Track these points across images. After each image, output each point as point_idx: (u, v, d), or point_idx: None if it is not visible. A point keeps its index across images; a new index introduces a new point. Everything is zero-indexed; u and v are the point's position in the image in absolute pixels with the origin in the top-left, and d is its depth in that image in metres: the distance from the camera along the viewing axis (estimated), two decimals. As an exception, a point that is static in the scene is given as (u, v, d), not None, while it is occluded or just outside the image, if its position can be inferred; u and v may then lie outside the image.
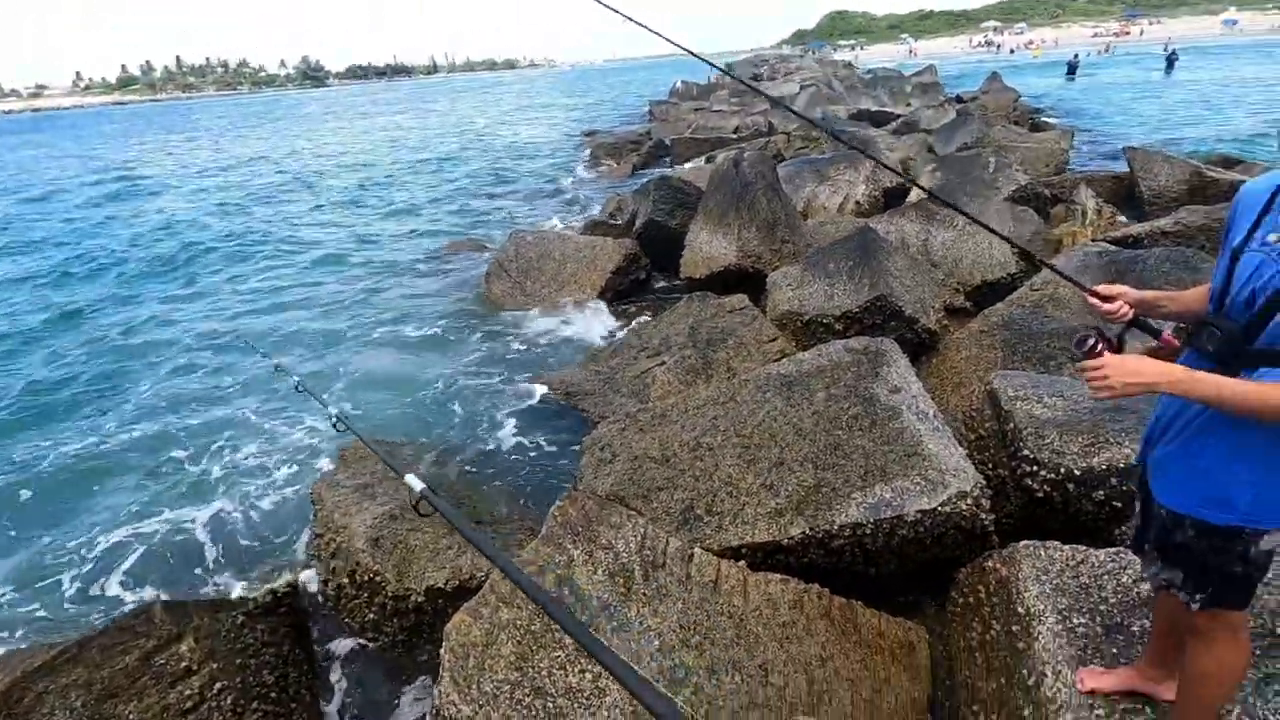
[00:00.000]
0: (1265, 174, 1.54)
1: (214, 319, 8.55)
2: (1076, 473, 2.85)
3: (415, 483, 1.61)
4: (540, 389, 5.47)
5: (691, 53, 2.57)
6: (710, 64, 3.09)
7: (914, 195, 8.50)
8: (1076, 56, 38.60)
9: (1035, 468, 2.97)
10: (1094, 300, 1.72)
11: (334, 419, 2.37)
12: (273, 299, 9.22)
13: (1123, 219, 7.89)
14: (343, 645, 3.21)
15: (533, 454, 4.81)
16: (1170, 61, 37.24)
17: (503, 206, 14.70)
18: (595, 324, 6.96)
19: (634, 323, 6.77)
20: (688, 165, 13.58)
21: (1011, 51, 76.44)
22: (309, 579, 3.51)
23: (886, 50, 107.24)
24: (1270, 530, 1.44)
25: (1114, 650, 2.09)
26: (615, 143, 19.88)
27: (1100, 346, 1.66)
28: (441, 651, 2.36)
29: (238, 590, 3.61)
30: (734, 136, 16.87)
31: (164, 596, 3.54)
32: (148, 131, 51.54)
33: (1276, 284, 1.35)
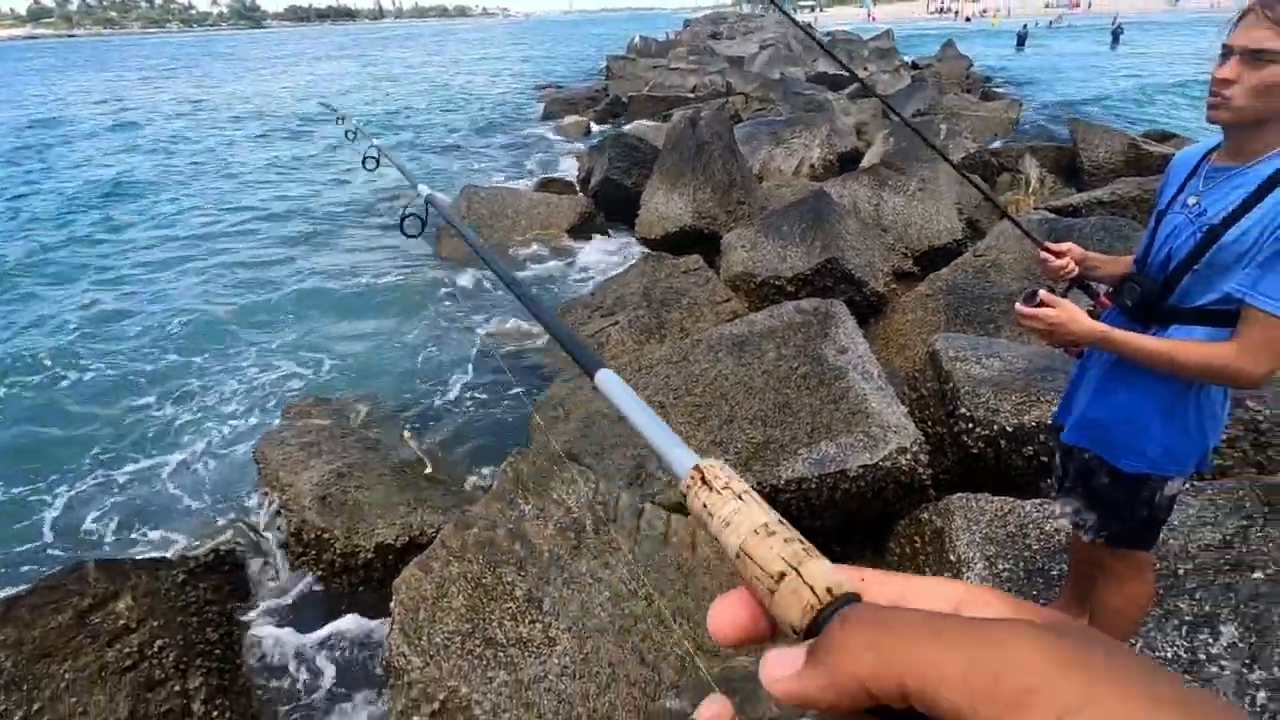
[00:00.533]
0: (1197, 144, 1.61)
1: (164, 282, 8.11)
2: (1009, 429, 2.98)
3: (424, 190, 1.59)
4: (494, 346, 5.42)
5: None
6: None
7: (867, 160, 8.58)
8: (1025, 27, 39.24)
9: (971, 425, 3.10)
10: (1046, 255, 1.78)
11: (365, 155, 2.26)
12: (228, 258, 8.78)
13: (1067, 189, 8.17)
14: (289, 602, 3.18)
15: (486, 411, 4.78)
16: (1116, 35, 38.19)
17: (456, 160, 14.26)
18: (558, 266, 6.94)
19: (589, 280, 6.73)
20: (644, 123, 13.38)
21: (968, 19, 76.94)
22: (255, 536, 3.44)
23: (845, 13, 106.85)
24: (1174, 477, 1.55)
25: (1034, 592, 2.23)
26: (571, 98, 19.41)
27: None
28: (391, 605, 2.36)
29: (179, 547, 3.52)
30: (692, 95, 16.64)
31: (98, 555, 3.43)
32: (71, 70, 47.79)
33: (1190, 244, 1.42)
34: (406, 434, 4.41)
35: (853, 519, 3.12)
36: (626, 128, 12.83)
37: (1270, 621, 1.93)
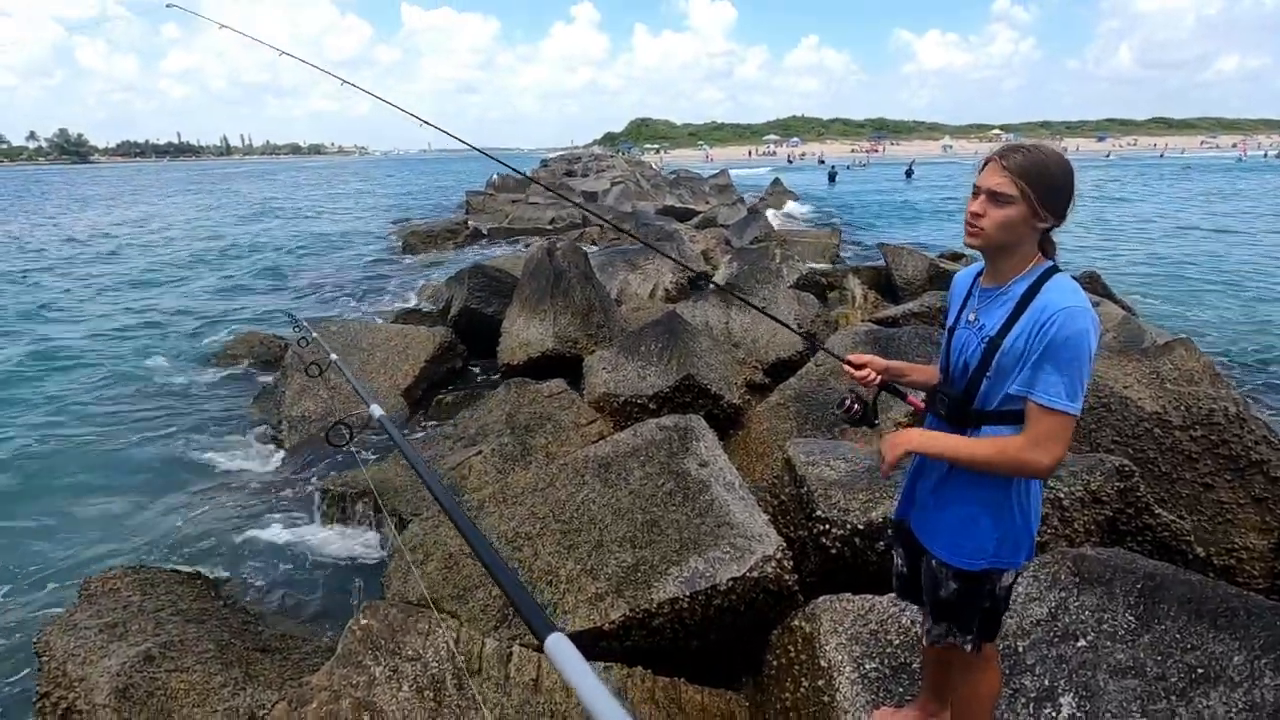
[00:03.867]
0: (969, 266, 1.87)
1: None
2: (861, 527, 3.14)
3: (377, 410, 1.43)
4: (345, 490, 5.01)
5: (481, 150, 2.69)
6: (503, 164, 3.24)
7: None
8: (834, 168, 46.45)
9: (828, 526, 3.23)
10: (848, 368, 1.96)
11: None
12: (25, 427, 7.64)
13: (886, 304, 9.25)
14: (74, 835, 2.55)
15: (334, 564, 4.34)
16: (909, 172, 45.77)
17: (305, 298, 13.75)
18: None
19: (451, 413, 6.53)
20: (500, 253, 13.76)
21: (790, 160, 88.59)
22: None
23: (686, 154, 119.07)
24: (1009, 569, 1.69)
25: (900, 689, 2.28)
26: (430, 231, 19.67)
27: (855, 406, 1.92)
28: (207, 817, 1.97)
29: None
30: (550, 227, 17.47)
31: None
32: None
33: (979, 354, 1.62)
34: (240, 598, 3.89)
35: (729, 633, 3.08)
36: (491, 257, 13.11)
37: (1098, 686, 2.09)
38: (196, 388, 8.11)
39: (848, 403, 1.65)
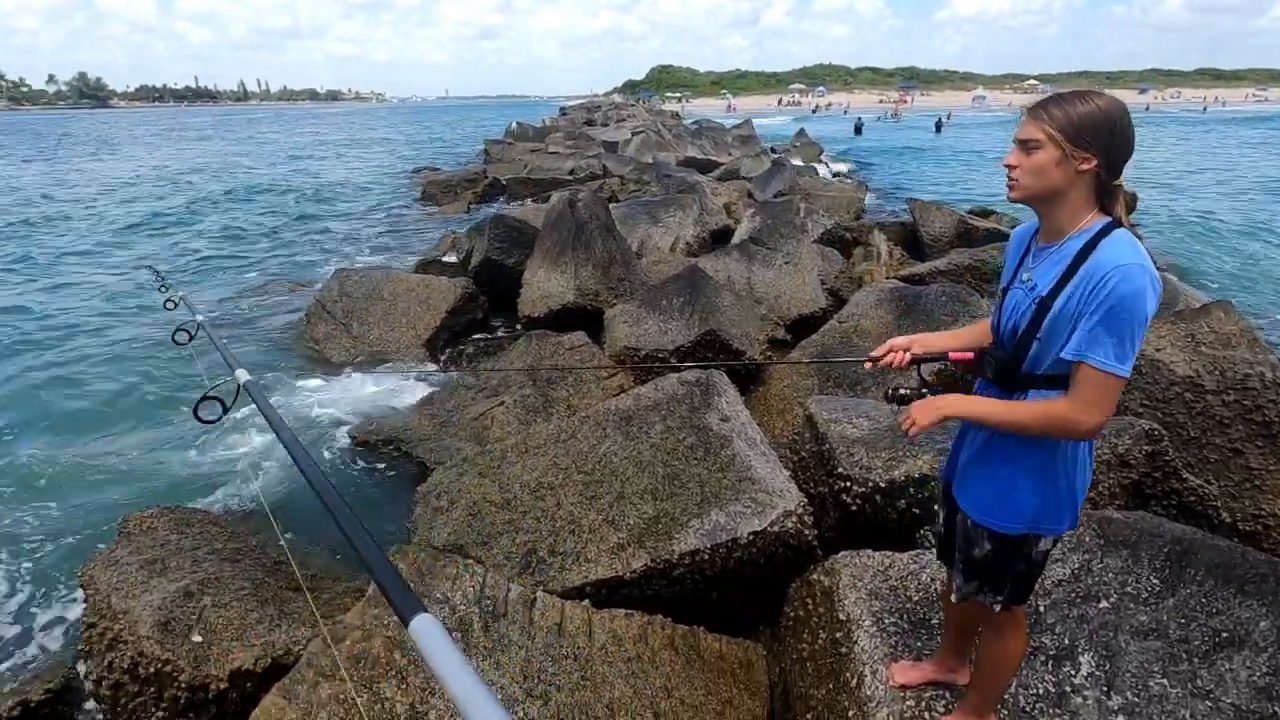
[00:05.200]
0: (1027, 223, 1.73)
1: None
2: (882, 485, 3.15)
3: (243, 375, 1.53)
4: (371, 437, 5.11)
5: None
6: None
7: (737, 237, 9.14)
8: (860, 120, 45.13)
9: (849, 483, 3.25)
10: (869, 365, 1.87)
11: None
12: (58, 368, 7.84)
13: (912, 261, 9.06)
14: (124, 755, 2.70)
15: (363, 508, 4.45)
16: (939, 125, 44.32)
17: (326, 245, 13.76)
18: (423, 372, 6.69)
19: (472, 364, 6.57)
20: (522, 204, 13.62)
21: (814, 110, 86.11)
22: (76, 680, 2.94)
23: (709, 104, 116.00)
24: (1047, 535, 1.66)
25: (919, 644, 2.31)
26: (448, 180, 19.48)
27: (904, 391, 1.85)
28: (249, 743, 2.07)
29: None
30: (570, 178, 17.20)
31: None
32: None
33: (1030, 315, 1.55)
34: (271, 540, 4.01)
35: (748, 585, 3.13)
36: (511, 208, 12.99)
37: (1119, 647, 2.10)
38: (226, 332, 8.23)
39: (903, 393, 1.63)
